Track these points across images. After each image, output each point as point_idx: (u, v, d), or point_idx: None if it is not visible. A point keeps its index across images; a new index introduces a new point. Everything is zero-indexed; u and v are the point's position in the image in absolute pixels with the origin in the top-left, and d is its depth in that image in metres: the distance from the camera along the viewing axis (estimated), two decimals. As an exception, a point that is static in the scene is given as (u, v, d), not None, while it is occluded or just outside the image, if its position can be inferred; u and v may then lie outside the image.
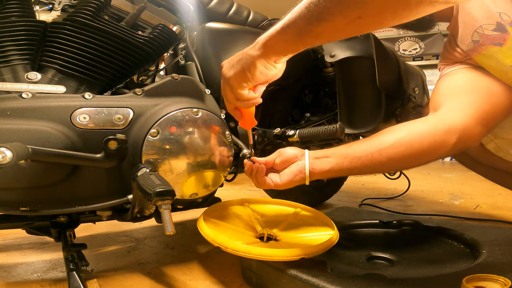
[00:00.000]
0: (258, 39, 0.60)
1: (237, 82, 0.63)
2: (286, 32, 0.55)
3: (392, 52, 1.13)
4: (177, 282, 0.80)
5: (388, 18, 0.47)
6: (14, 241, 1.13)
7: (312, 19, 0.51)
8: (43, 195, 0.68)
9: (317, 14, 0.50)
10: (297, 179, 0.75)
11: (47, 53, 0.73)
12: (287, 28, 0.55)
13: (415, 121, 0.77)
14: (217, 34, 0.95)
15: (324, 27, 0.51)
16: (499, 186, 1.01)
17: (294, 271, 0.64)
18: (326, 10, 0.48)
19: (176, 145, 0.75)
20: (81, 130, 0.68)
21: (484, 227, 0.88)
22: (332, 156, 0.75)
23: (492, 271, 0.56)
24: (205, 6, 0.97)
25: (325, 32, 0.52)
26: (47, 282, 0.81)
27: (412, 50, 4.50)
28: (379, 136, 0.75)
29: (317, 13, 0.50)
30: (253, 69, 0.61)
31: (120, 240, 1.14)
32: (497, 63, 0.77)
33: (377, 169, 0.74)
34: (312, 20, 0.51)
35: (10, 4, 0.71)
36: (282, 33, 0.56)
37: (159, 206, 0.59)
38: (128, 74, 0.82)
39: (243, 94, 0.64)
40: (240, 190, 2.06)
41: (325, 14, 0.49)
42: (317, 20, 0.50)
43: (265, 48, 0.59)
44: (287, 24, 0.55)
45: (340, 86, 1.08)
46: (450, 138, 0.72)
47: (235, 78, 0.63)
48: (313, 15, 0.50)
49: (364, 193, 1.89)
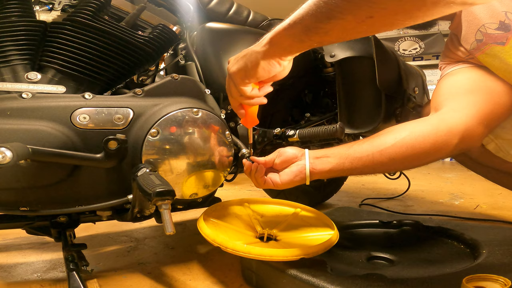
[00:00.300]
0: (264, 36, 0.59)
1: (240, 78, 0.63)
2: (293, 28, 0.54)
3: (392, 52, 1.13)
4: (177, 282, 0.80)
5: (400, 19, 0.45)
6: (14, 241, 1.13)
7: (320, 17, 0.49)
8: (43, 195, 0.68)
9: (326, 12, 0.48)
10: (297, 179, 0.75)
11: (47, 53, 0.73)
12: (294, 25, 0.53)
13: (416, 121, 0.77)
14: (217, 34, 0.95)
15: (333, 25, 0.48)
16: (499, 186, 1.01)
17: (294, 271, 0.64)
18: (336, 8, 0.46)
19: (176, 145, 0.75)
20: (81, 130, 0.68)
21: (484, 227, 0.88)
22: (333, 156, 0.74)
23: (492, 271, 0.56)
24: (205, 6, 0.97)
25: (334, 31, 0.50)
26: (47, 282, 0.81)
27: (412, 50, 4.50)
28: (380, 137, 0.74)
29: (326, 10, 0.47)
30: (256, 65, 0.60)
31: (120, 240, 1.14)
32: (500, 62, 0.76)
33: (378, 169, 0.74)
34: (321, 17, 0.49)
35: (10, 4, 0.71)
36: (289, 30, 0.55)
37: (159, 206, 0.59)
38: (128, 74, 0.82)
39: (246, 91, 0.64)
40: (240, 190, 2.06)
41: (334, 12, 0.47)
42: (326, 17, 0.48)
43: (271, 44, 0.58)
44: (294, 21, 0.53)
45: (340, 86, 1.08)
46: (451, 139, 0.72)
47: (238, 74, 0.63)
48: (322, 12, 0.48)
49: (364, 193, 1.89)
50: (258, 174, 0.76)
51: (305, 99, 1.25)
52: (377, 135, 0.75)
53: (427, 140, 0.71)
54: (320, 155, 0.75)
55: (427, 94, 1.31)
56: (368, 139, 0.76)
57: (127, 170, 0.72)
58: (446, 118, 0.74)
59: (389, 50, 1.11)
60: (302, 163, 0.75)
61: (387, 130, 0.76)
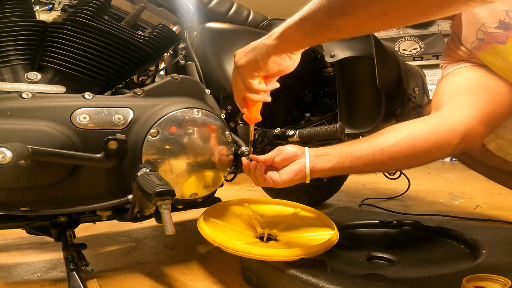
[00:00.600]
0: (275, 30, 0.59)
1: (248, 70, 0.62)
2: (304, 23, 0.52)
3: (392, 52, 1.13)
4: (177, 282, 0.80)
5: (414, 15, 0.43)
6: (14, 241, 1.13)
7: (332, 12, 0.47)
8: (43, 195, 0.68)
9: (338, 7, 0.46)
10: (298, 178, 0.75)
11: (47, 53, 0.73)
12: (305, 20, 0.52)
13: (417, 120, 0.77)
14: (217, 34, 0.95)
15: (346, 21, 0.47)
16: (499, 186, 1.01)
17: (294, 271, 0.64)
18: (349, 4, 0.45)
19: (176, 145, 0.75)
20: (81, 130, 0.68)
21: (484, 227, 0.88)
22: (333, 154, 0.74)
23: (492, 271, 0.56)
24: (205, 6, 0.97)
25: (347, 27, 0.48)
26: (47, 282, 0.81)
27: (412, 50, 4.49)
28: (381, 135, 0.74)
29: (339, 5, 0.46)
30: (266, 58, 0.59)
31: (120, 240, 1.14)
32: (502, 61, 0.76)
33: (378, 168, 0.74)
34: (333, 13, 0.47)
35: (10, 4, 0.71)
36: (300, 25, 0.53)
37: (159, 206, 0.59)
38: (128, 74, 0.82)
39: (253, 84, 0.63)
40: (240, 190, 2.06)
41: (347, 8, 0.45)
42: (339, 13, 0.46)
43: (281, 38, 0.57)
44: (306, 16, 0.52)
45: (340, 86, 1.08)
46: (452, 138, 0.72)
47: (247, 67, 0.62)
48: (334, 8, 0.47)
49: (364, 193, 1.89)
50: (258, 172, 0.76)
51: (305, 99, 1.25)
52: (378, 134, 0.75)
53: (428, 139, 0.71)
54: (320, 153, 0.75)
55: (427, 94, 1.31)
56: (369, 137, 0.75)
57: (127, 170, 0.72)
58: (447, 117, 0.74)
59: (389, 50, 1.11)
60: (302, 161, 0.75)
61: (388, 129, 0.76)
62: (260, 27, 1.10)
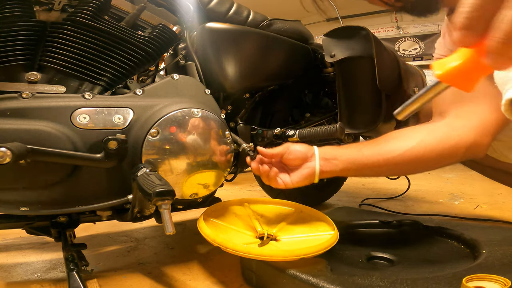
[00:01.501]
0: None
1: None
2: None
3: (392, 52, 1.13)
4: (177, 282, 0.80)
5: None
6: (14, 241, 1.13)
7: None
8: (43, 195, 0.68)
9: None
10: (307, 181, 0.79)
11: (47, 53, 0.73)
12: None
13: (424, 129, 0.78)
14: (217, 34, 0.94)
15: None
16: (499, 186, 1.01)
17: (294, 271, 0.64)
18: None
19: (176, 145, 0.75)
20: (81, 130, 0.68)
21: (484, 227, 0.88)
22: (341, 159, 0.77)
23: (492, 271, 0.56)
24: (205, 6, 0.97)
25: None
26: (47, 282, 0.81)
27: (412, 50, 4.49)
28: (388, 143, 0.76)
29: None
30: None
31: (120, 240, 1.14)
32: None
33: (383, 174, 0.80)
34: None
35: (10, 4, 0.71)
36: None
37: (159, 206, 0.59)
38: (128, 74, 0.82)
39: None
40: (240, 190, 2.06)
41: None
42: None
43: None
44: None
45: (340, 86, 1.08)
46: (459, 150, 0.73)
47: None
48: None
49: (364, 193, 1.89)
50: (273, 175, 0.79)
51: (305, 99, 1.25)
52: (386, 140, 0.77)
53: (435, 151, 0.73)
54: (329, 157, 0.78)
55: (427, 94, 1.31)
56: (377, 144, 0.77)
57: (127, 170, 0.72)
58: (455, 128, 0.75)
59: (389, 50, 1.11)
60: (312, 165, 0.78)
61: (395, 135, 0.78)
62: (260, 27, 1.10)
